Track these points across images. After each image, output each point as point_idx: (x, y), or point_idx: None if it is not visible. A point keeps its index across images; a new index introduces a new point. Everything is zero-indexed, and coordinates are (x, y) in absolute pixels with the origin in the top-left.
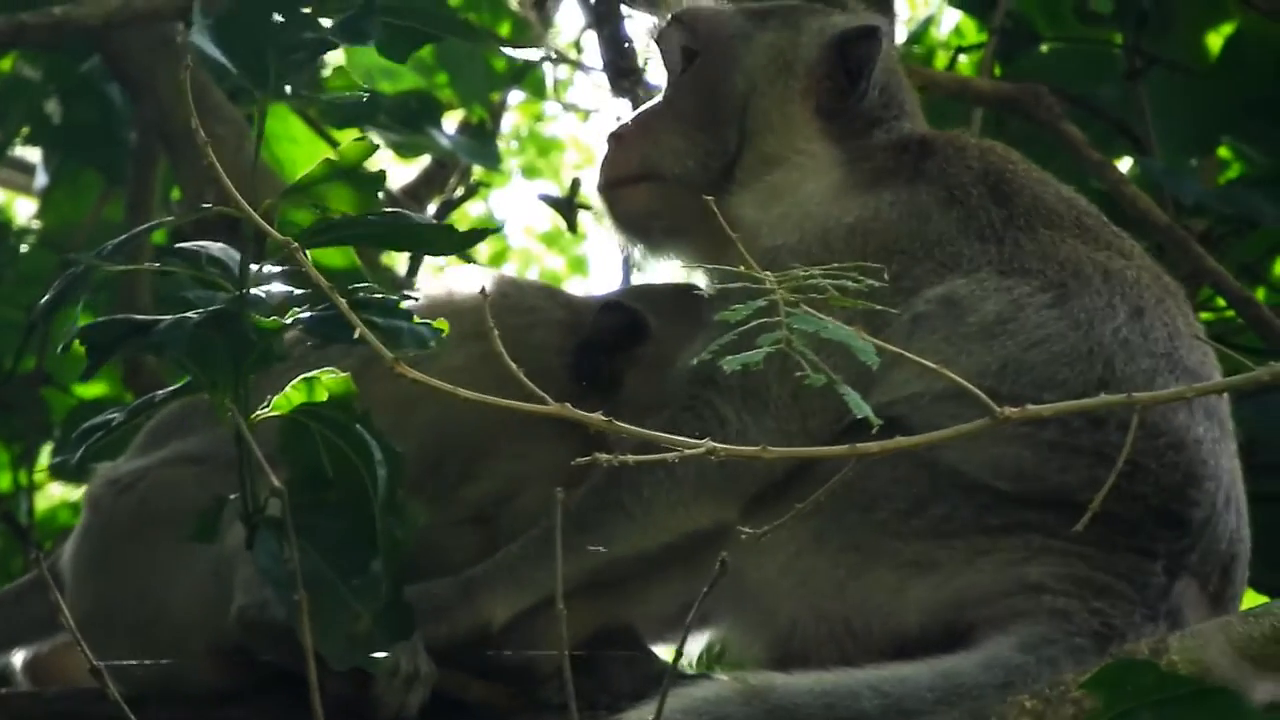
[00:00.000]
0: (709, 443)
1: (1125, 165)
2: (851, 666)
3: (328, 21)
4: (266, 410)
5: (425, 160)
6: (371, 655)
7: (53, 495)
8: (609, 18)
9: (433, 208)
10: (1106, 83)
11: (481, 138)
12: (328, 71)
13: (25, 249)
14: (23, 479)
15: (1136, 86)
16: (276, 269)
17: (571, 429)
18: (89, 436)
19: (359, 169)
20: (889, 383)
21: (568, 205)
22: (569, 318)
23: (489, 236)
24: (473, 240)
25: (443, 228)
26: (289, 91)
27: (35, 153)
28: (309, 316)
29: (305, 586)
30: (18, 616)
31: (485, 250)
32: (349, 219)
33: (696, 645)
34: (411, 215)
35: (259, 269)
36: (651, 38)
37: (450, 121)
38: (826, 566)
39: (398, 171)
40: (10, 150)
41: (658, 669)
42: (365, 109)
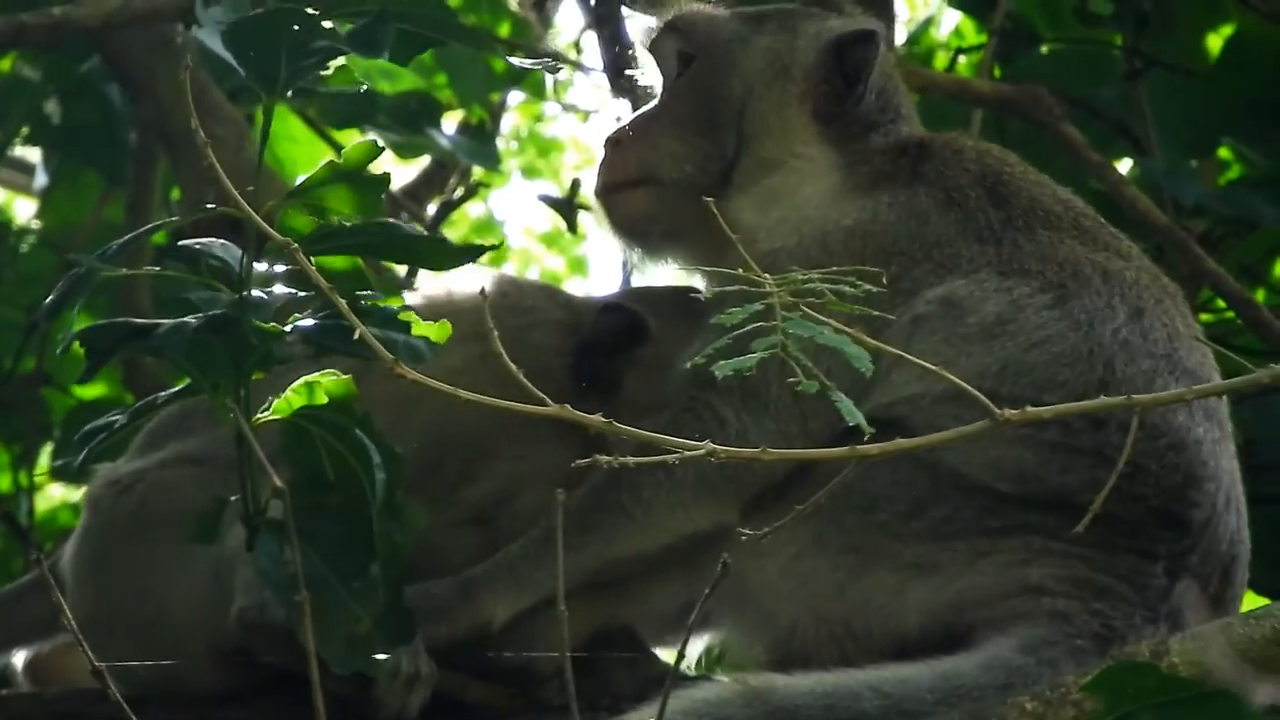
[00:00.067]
0: (709, 444)
1: (1125, 166)
2: (852, 668)
3: (332, 26)
4: (267, 413)
5: (425, 161)
6: (372, 657)
7: (53, 496)
8: (609, 18)
9: (432, 208)
10: (1106, 84)
11: (481, 138)
12: (327, 71)
13: (25, 249)
14: (23, 480)
15: (1136, 88)
16: (278, 270)
17: (571, 430)
18: (91, 439)
19: (362, 172)
20: (889, 384)
21: (567, 206)
22: (568, 318)
23: (486, 253)
24: (469, 256)
25: (439, 241)
26: (289, 93)
27: (35, 153)
28: (309, 325)
29: (305, 589)
30: (18, 617)
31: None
32: (348, 228)
33: (697, 647)
34: (408, 227)
35: (261, 269)
36: (645, 44)
37: (450, 122)
38: (827, 568)
39: (397, 172)
40: (10, 150)
41: (658, 670)
42: (365, 109)
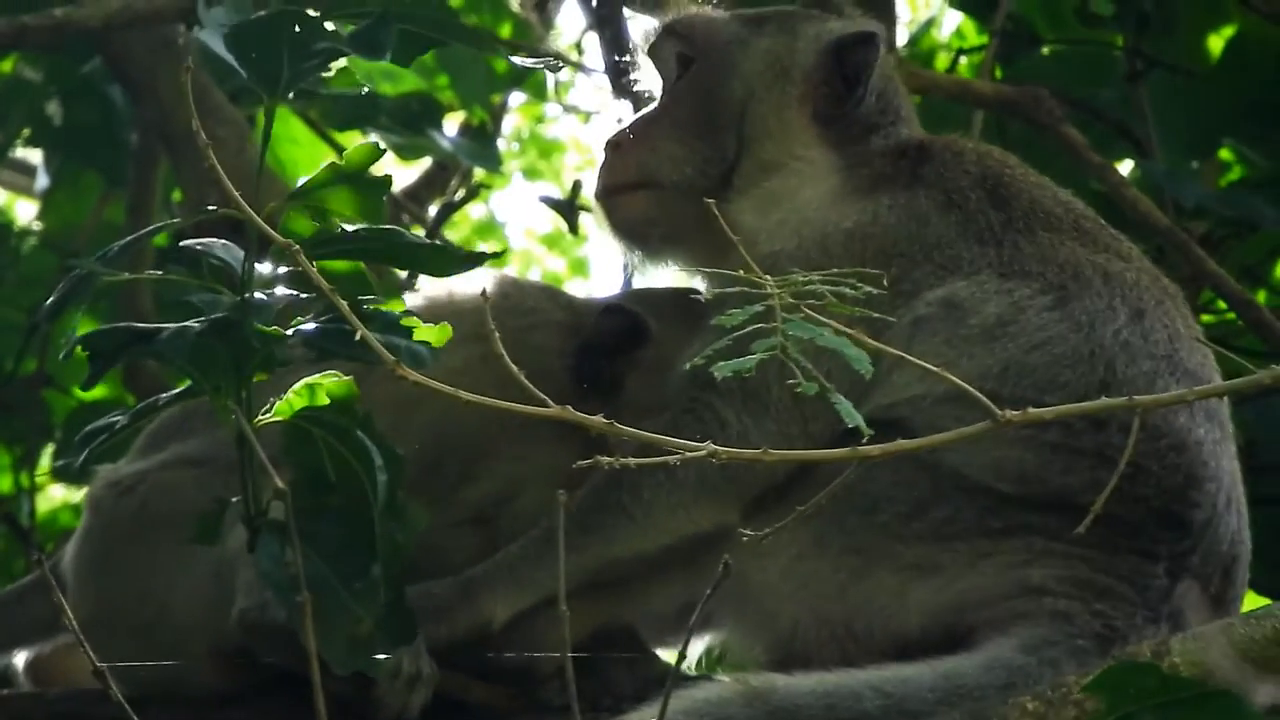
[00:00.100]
0: (710, 445)
1: (1126, 168)
2: (853, 668)
3: (333, 27)
4: (269, 415)
5: (426, 162)
6: (373, 658)
7: (54, 497)
8: (610, 20)
9: (434, 210)
10: (1107, 85)
11: (482, 140)
12: (329, 72)
13: (26, 251)
14: (24, 480)
15: (1137, 89)
16: (279, 271)
17: (571, 431)
18: (92, 440)
19: (363, 174)
20: (890, 385)
21: (569, 207)
22: (569, 319)
23: (489, 260)
24: (472, 263)
25: (441, 248)
26: (290, 94)
27: (36, 154)
28: (311, 329)
29: (307, 590)
30: (20, 618)
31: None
32: (349, 233)
33: (698, 647)
34: (409, 234)
35: (262, 271)
36: (644, 48)
37: (451, 123)
38: (828, 570)
39: (399, 174)
40: (11, 152)
41: (659, 670)
42: (366, 111)
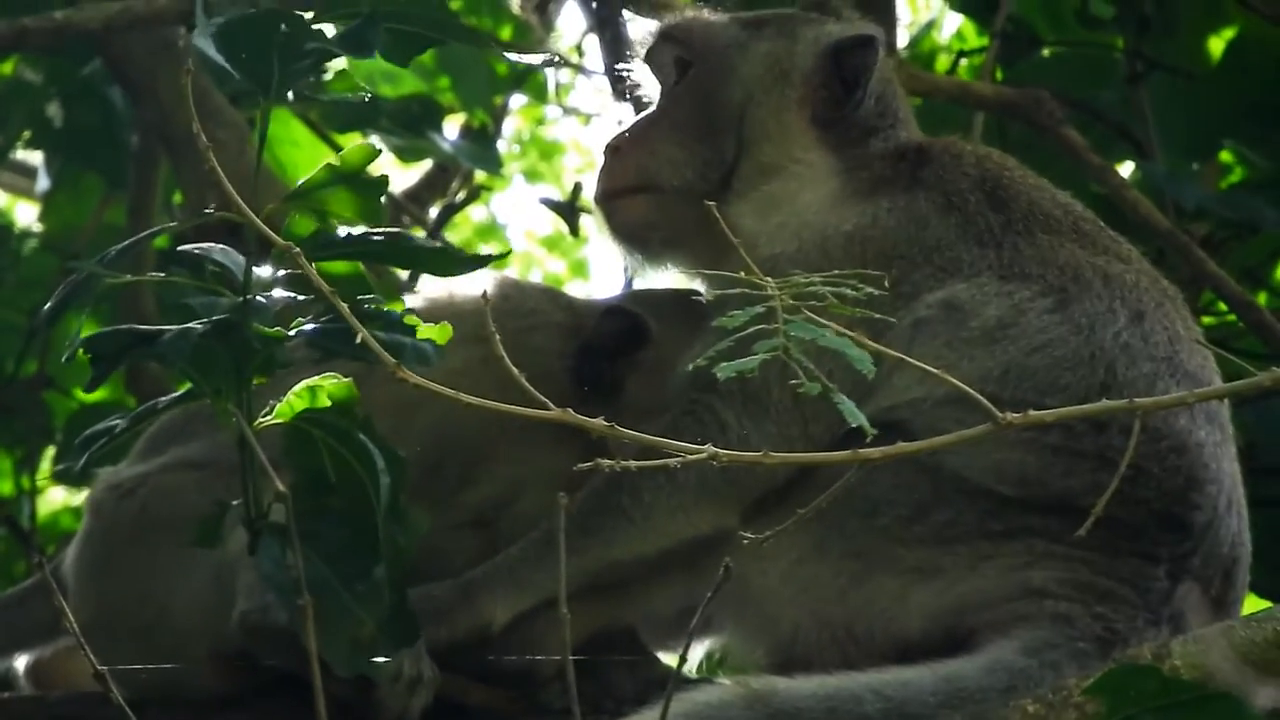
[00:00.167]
0: (710, 448)
1: (1126, 170)
2: (854, 671)
3: (331, 29)
4: (269, 417)
5: (427, 164)
6: (374, 660)
7: (55, 500)
8: (610, 21)
9: (434, 211)
10: (1108, 87)
11: (483, 142)
12: (329, 75)
13: (27, 253)
14: (25, 483)
15: (1138, 91)
16: (279, 274)
17: (571, 433)
18: (92, 443)
19: (361, 174)
20: (890, 388)
21: (569, 209)
22: (570, 321)
23: (492, 262)
24: (475, 265)
25: (443, 250)
26: (290, 96)
27: (37, 156)
28: (312, 329)
29: (308, 592)
30: (20, 620)
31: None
32: (350, 236)
33: (699, 651)
34: (412, 235)
35: (262, 274)
36: (641, 53)
37: (452, 125)
38: (828, 573)
39: (399, 175)
40: (12, 154)
41: (660, 673)
42: (367, 113)
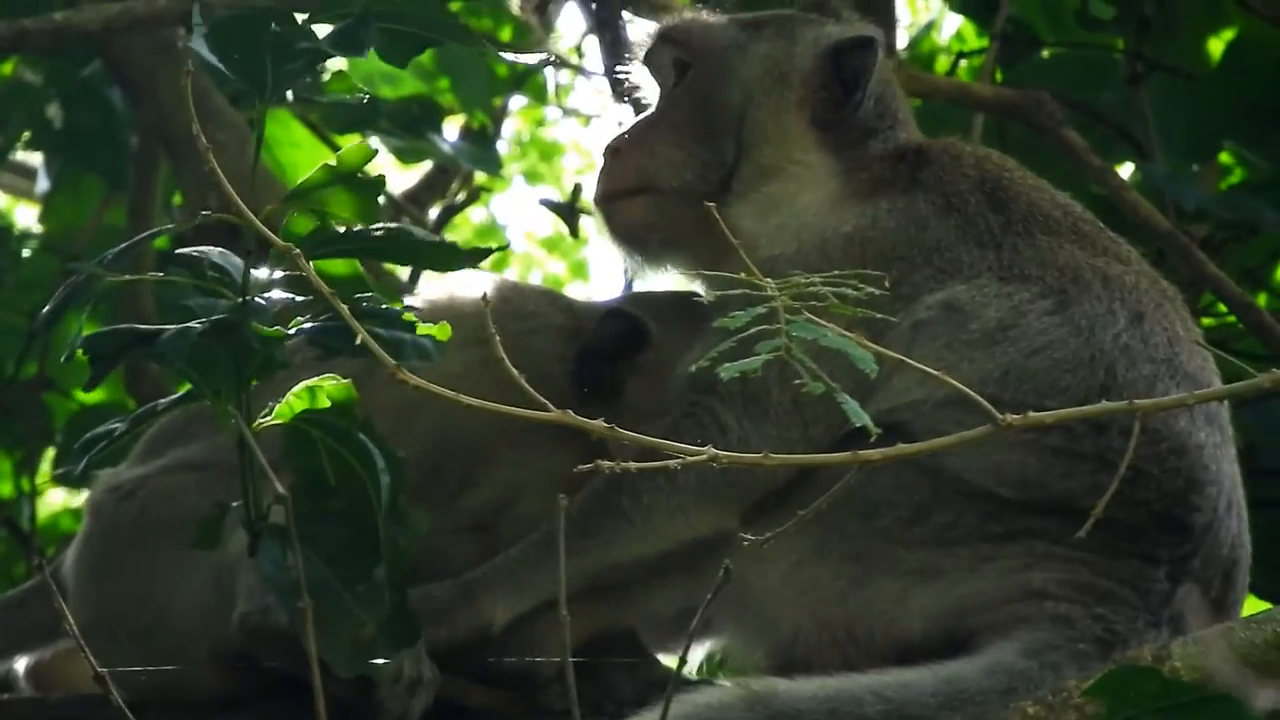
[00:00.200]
0: (710, 449)
1: (1126, 171)
2: (854, 672)
3: (325, 28)
4: (269, 418)
5: (427, 166)
6: (375, 661)
7: (54, 501)
8: (610, 23)
9: (434, 213)
10: (1108, 88)
11: (483, 143)
12: (329, 76)
13: (27, 254)
14: (25, 485)
15: (1138, 92)
16: (279, 275)
17: (571, 436)
18: (92, 446)
19: (358, 174)
20: (890, 389)
21: (569, 210)
22: (570, 323)
23: (492, 255)
24: (474, 259)
25: (445, 245)
26: (290, 98)
27: (37, 157)
28: (312, 327)
29: (308, 594)
30: (20, 622)
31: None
32: (351, 232)
33: (699, 652)
34: (414, 230)
35: (261, 275)
36: (640, 55)
37: (451, 127)
38: (829, 575)
39: (399, 177)
40: (12, 155)
41: (660, 675)
42: (367, 114)
